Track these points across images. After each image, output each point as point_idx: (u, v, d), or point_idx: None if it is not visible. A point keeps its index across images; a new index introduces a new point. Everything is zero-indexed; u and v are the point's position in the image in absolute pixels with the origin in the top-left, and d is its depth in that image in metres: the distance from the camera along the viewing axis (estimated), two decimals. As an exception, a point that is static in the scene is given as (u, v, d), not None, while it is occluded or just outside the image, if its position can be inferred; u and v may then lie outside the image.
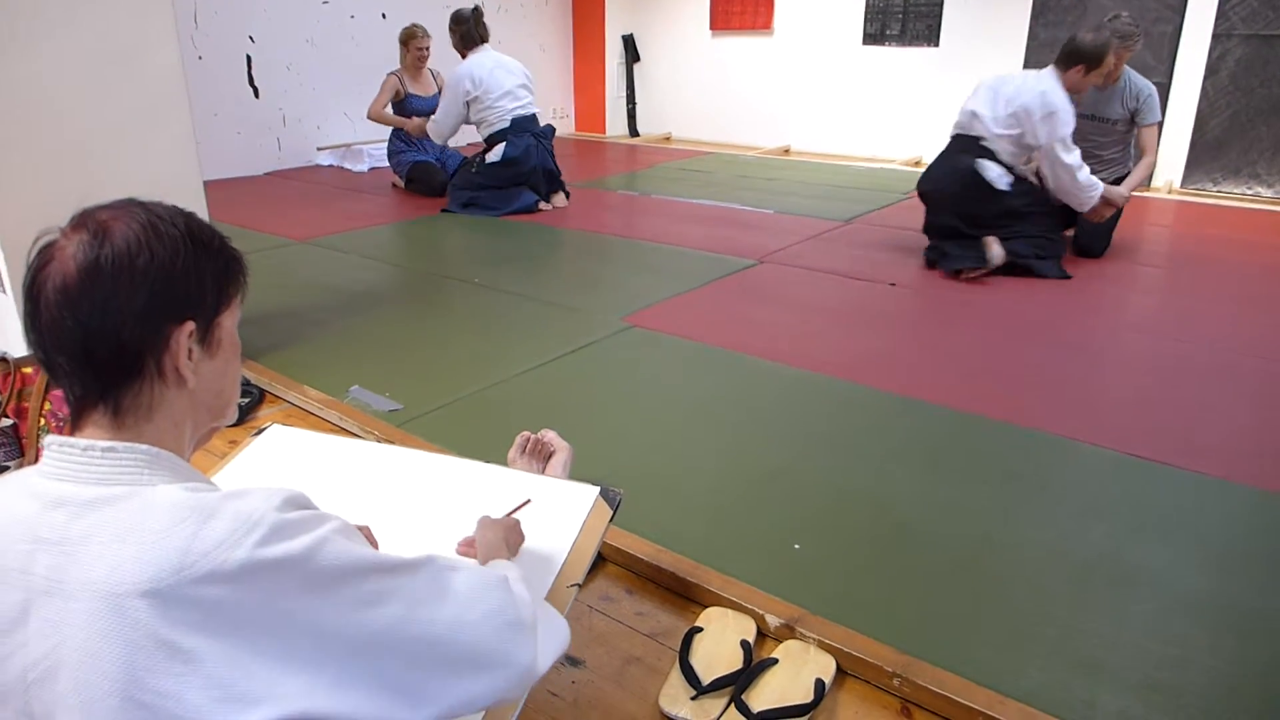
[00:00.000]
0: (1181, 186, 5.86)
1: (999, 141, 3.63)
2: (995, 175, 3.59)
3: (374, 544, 1.09)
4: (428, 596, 0.73)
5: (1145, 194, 5.43)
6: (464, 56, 4.80)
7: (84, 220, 0.74)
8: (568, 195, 5.05)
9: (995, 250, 3.55)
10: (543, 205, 4.88)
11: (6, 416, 1.94)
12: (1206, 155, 5.63)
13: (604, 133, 8.31)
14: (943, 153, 3.87)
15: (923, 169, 6.40)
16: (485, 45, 4.80)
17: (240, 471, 1.37)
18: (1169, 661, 1.42)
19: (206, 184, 2.64)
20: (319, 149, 6.35)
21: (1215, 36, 5.50)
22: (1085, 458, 2.12)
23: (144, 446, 0.73)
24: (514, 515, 1.16)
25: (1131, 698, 1.35)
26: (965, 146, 3.71)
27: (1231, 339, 2.91)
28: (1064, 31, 6.06)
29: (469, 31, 4.76)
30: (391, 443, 2.07)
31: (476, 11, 4.82)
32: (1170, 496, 1.95)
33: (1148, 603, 1.57)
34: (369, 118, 5.38)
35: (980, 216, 3.61)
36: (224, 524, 0.65)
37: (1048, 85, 3.55)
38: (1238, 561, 1.70)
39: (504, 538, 1.09)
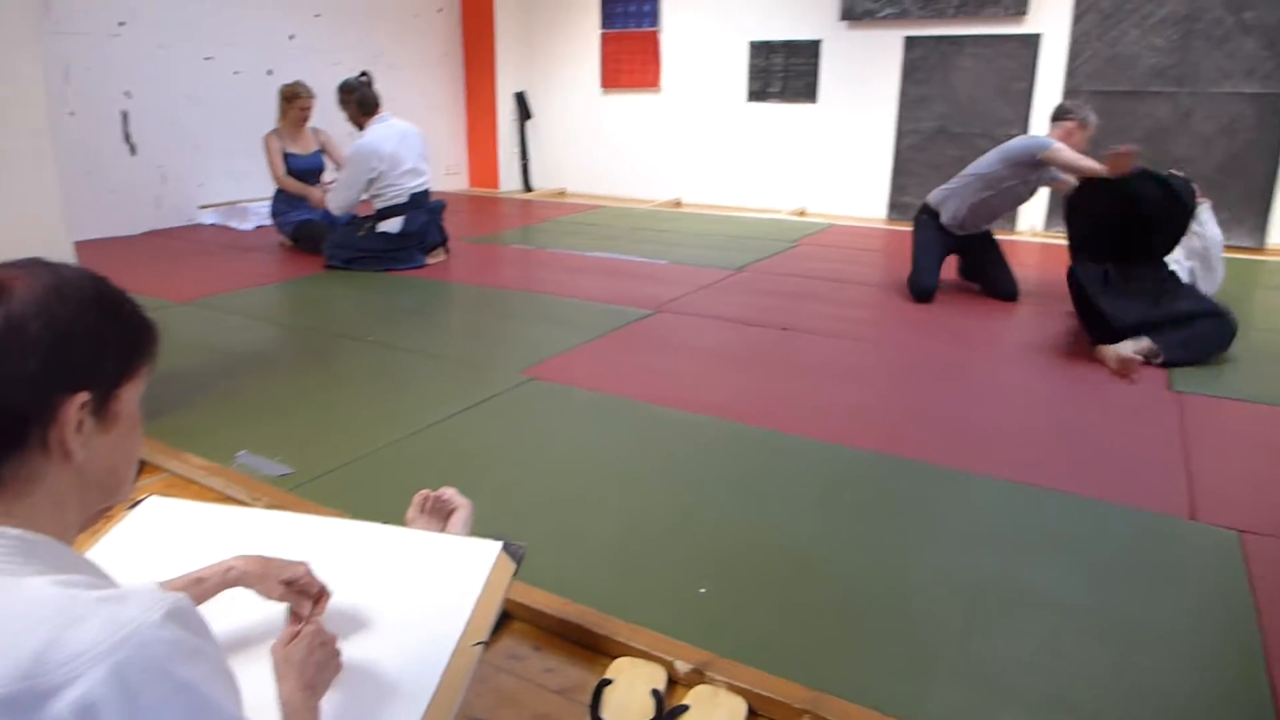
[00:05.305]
0: (1044, 229, 6.29)
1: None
2: None
3: (314, 581, 1.07)
4: None
5: (1012, 237, 5.79)
6: (361, 125, 4.71)
7: None
8: (447, 251, 5.05)
9: None
10: (428, 260, 4.88)
11: None
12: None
13: (498, 189, 8.33)
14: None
15: (808, 219, 6.65)
16: (385, 112, 4.74)
17: (113, 550, 1.29)
18: (1063, 677, 1.48)
19: (77, 245, 2.51)
20: (201, 207, 6.13)
21: (1066, 92, 5.96)
22: (972, 486, 2.21)
23: (15, 531, 0.66)
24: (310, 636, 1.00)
25: (1031, 715, 1.39)
26: None
27: (1101, 368, 3.10)
28: (931, 89, 6.46)
29: (366, 98, 4.67)
30: (282, 509, 1.98)
31: (367, 76, 4.76)
32: (1053, 519, 2.04)
33: (1039, 621, 1.64)
34: (280, 186, 5.22)
35: None
36: (89, 632, 0.59)
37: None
38: (1119, 576, 1.80)
39: (307, 693, 0.94)
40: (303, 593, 1.07)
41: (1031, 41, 6.05)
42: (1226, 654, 1.56)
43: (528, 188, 8.43)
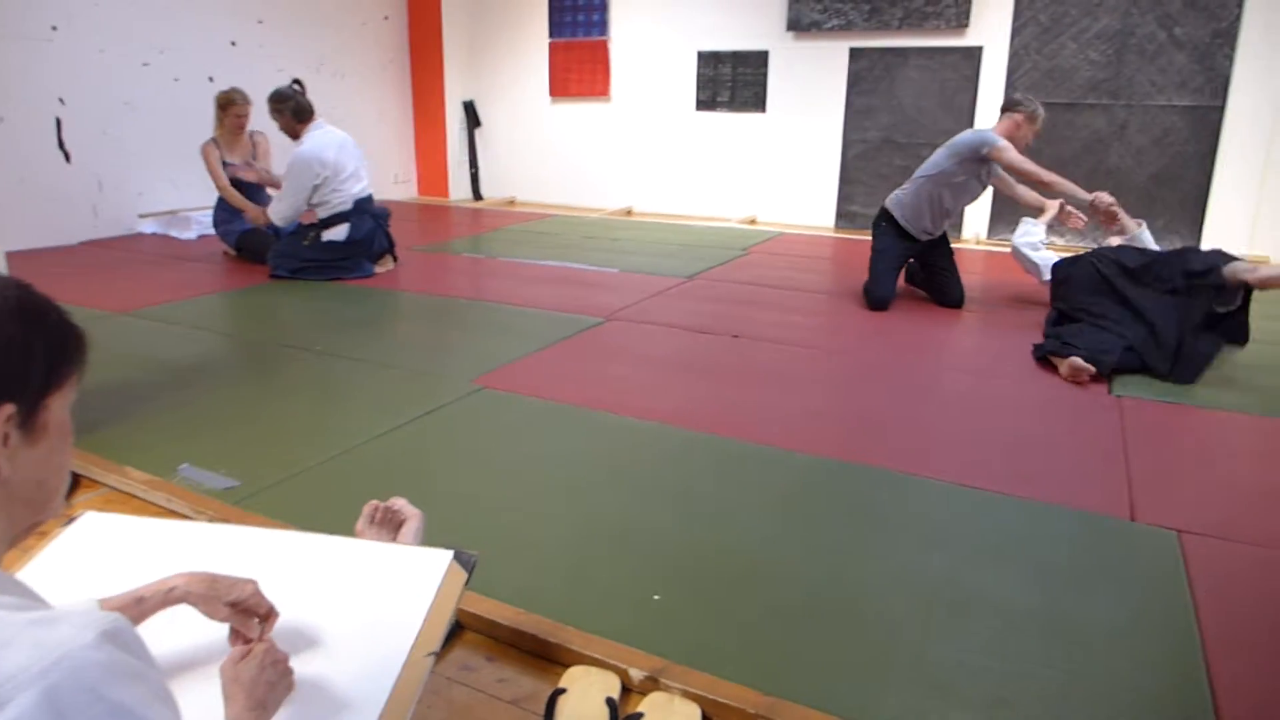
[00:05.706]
0: (987, 238, 6.43)
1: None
2: None
3: (262, 601, 1.03)
4: None
5: (957, 245, 5.91)
6: (296, 134, 4.63)
7: None
8: (396, 259, 5.00)
9: None
10: (376, 268, 4.83)
11: None
12: (1006, 209, 6.18)
13: (447, 197, 8.26)
14: None
15: (758, 227, 6.70)
16: (320, 119, 4.69)
17: (47, 568, 1.24)
18: (1010, 677, 1.51)
19: (9, 255, 2.43)
20: (141, 216, 5.98)
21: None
22: (922, 491, 2.24)
23: None
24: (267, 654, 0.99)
25: (981, 715, 1.41)
26: None
27: (1044, 374, 3.18)
28: (876, 100, 6.57)
29: (302, 105, 4.60)
30: (228, 523, 1.93)
31: (300, 84, 4.69)
32: (1001, 521, 2.08)
33: (987, 623, 1.67)
34: (222, 195, 5.12)
35: None
36: (18, 655, 0.56)
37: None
38: (1064, 577, 1.84)
39: (257, 713, 0.92)
40: (249, 612, 1.04)
41: (974, 54, 6.20)
42: (1167, 652, 1.60)
43: (477, 196, 8.37)
